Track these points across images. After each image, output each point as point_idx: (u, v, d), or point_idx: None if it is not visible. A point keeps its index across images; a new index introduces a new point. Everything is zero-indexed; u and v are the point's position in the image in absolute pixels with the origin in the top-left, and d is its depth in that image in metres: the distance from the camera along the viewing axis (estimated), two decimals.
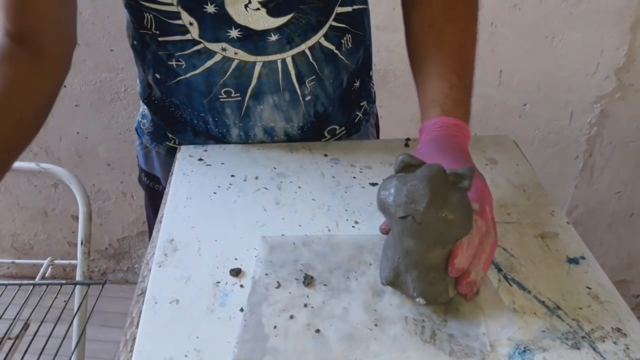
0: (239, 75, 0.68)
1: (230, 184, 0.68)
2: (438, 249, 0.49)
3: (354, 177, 0.70)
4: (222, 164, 0.72)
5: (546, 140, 1.43)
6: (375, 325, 0.50)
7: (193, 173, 0.70)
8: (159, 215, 0.65)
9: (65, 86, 1.45)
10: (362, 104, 0.82)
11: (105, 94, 1.48)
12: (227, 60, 0.67)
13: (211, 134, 0.76)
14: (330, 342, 0.48)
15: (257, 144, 0.76)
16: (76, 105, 1.49)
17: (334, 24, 0.69)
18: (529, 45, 1.29)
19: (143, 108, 0.82)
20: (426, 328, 0.49)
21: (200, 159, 0.73)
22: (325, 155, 0.74)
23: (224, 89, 0.70)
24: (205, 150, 0.75)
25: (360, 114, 0.82)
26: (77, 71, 1.43)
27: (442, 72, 0.61)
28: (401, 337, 0.49)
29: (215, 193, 0.67)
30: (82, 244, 1.03)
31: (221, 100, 0.71)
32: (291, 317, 0.51)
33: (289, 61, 0.68)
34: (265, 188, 0.68)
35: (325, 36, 0.69)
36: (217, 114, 0.73)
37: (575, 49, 1.29)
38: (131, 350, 0.49)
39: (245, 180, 0.69)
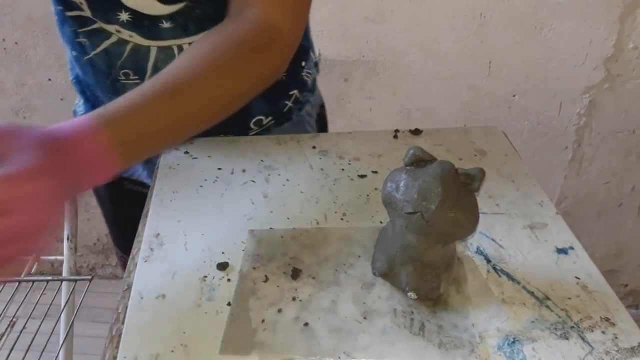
0: (135, 58, 0.67)
1: (217, 177, 0.67)
2: (438, 247, 0.48)
3: (343, 169, 0.69)
4: (209, 156, 0.71)
5: (535, 131, 1.43)
6: (364, 317, 0.49)
7: (179, 166, 0.69)
8: (144, 210, 0.64)
9: (49, 80, 1.43)
10: (291, 93, 0.79)
11: None
12: (122, 42, 0.66)
13: None
14: (318, 336, 0.48)
15: (244, 137, 0.75)
16: (61, 99, 1.47)
17: None
18: (518, 35, 1.29)
19: (75, 89, 0.81)
20: (415, 320, 0.49)
21: (186, 152, 0.72)
22: (314, 147, 0.73)
23: (122, 71, 0.69)
24: (191, 143, 0.74)
25: (289, 103, 0.79)
26: (62, 64, 1.40)
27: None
28: (390, 330, 0.48)
29: (201, 186, 0.66)
30: (68, 239, 1.02)
31: (121, 82, 0.70)
32: (279, 310, 0.50)
33: (185, 48, 0.67)
34: (253, 181, 0.67)
35: None
36: (120, 95, 0.71)
37: (564, 39, 1.29)
38: (117, 347, 0.48)
39: (232, 173, 0.68)
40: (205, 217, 0.61)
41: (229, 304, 0.51)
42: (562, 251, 0.57)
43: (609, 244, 1.63)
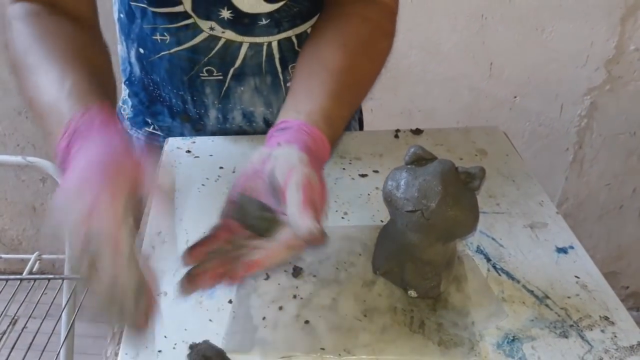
0: (224, 55, 0.68)
1: (219, 176, 0.68)
2: (439, 246, 0.49)
3: (344, 169, 0.69)
4: (210, 155, 0.71)
5: (537, 132, 1.43)
6: (365, 315, 0.50)
7: (181, 165, 0.70)
8: (146, 209, 0.64)
9: None
10: None
11: None
12: (213, 38, 0.67)
13: (189, 114, 0.75)
14: (319, 333, 0.48)
15: (245, 136, 0.75)
16: None
17: None
18: (520, 37, 1.29)
19: (124, 93, 0.81)
20: (415, 318, 0.49)
21: (188, 151, 0.72)
22: None
23: (206, 68, 0.69)
24: (194, 142, 0.74)
25: None
26: None
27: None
28: (390, 328, 0.48)
29: (203, 185, 0.66)
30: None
31: (202, 78, 0.70)
32: (280, 308, 0.50)
33: (274, 45, 0.69)
34: None
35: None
36: (197, 92, 0.72)
37: (565, 41, 1.29)
38: (118, 343, 0.49)
39: (233, 172, 0.68)
40: (206, 216, 0.61)
41: (230, 301, 0.51)
42: (562, 250, 0.57)
43: (610, 246, 1.63)
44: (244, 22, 0.65)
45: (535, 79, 1.35)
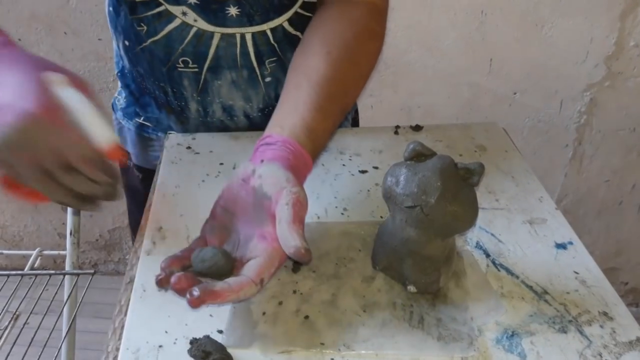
0: (197, 44, 0.69)
1: (219, 172, 0.68)
2: (438, 241, 0.49)
3: (344, 165, 0.70)
4: (211, 151, 0.72)
5: (536, 128, 1.43)
6: (364, 310, 0.50)
7: (181, 161, 0.70)
8: (147, 204, 0.64)
9: None
10: None
11: (93, 83, 1.46)
12: (186, 26, 0.67)
13: (171, 107, 0.76)
14: (319, 328, 0.48)
15: (246, 132, 0.76)
16: None
17: (300, 11, 0.69)
18: (519, 33, 1.29)
19: (118, 84, 0.83)
20: (414, 313, 0.50)
21: (189, 147, 0.73)
22: None
23: (182, 58, 0.70)
24: (194, 139, 0.74)
25: None
26: (65, 60, 1.41)
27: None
28: (389, 323, 0.49)
29: (203, 181, 0.67)
30: (71, 234, 1.02)
31: (179, 69, 0.71)
32: (280, 303, 0.51)
33: (248, 38, 0.69)
34: None
35: (290, 21, 0.69)
36: (176, 84, 0.73)
37: (565, 37, 1.29)
38: (120, 338, 0.49)
39: (234, 168, 0.69)
40: (207, 212, 0.61)
41: None
42: (561, 246, 0.57)
43: (609, 242, 1.63)
44: (211, 7, 0.66)
45: (535, 75, 1.35)
